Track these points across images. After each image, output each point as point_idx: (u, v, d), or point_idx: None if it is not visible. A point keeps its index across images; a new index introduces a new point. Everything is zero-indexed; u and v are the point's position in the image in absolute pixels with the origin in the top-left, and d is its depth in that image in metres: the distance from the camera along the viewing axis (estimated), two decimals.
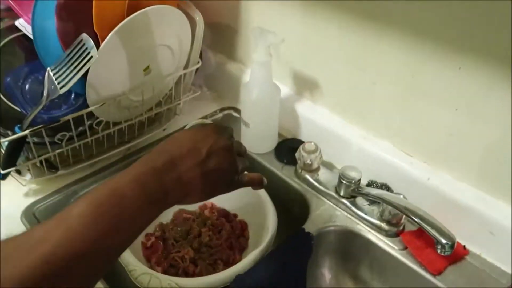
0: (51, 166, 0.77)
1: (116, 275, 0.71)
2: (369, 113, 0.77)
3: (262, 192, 0.80)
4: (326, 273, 0.76)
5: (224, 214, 0.86)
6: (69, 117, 0.69)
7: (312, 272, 0.74)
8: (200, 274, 0.75)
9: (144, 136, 0.88)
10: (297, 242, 0.69)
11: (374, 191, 0.69)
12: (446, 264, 0.66)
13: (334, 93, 0.82)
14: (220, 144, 0.52)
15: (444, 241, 0.55)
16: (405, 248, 0.68)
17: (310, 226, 0.72)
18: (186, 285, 0.64)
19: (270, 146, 0.88)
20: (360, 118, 0.79)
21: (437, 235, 0.56)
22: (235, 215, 0.87)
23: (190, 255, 0.77)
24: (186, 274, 0.76)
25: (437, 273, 0.65)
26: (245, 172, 0.59)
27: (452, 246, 0.55)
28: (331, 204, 0.76)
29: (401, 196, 0.67)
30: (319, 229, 0.72)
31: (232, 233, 0.82)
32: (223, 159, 0.51)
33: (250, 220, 0.84)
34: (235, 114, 1.00)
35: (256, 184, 0.59)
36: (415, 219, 0.59)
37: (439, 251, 0.56)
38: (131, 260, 0.67)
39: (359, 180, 0.72)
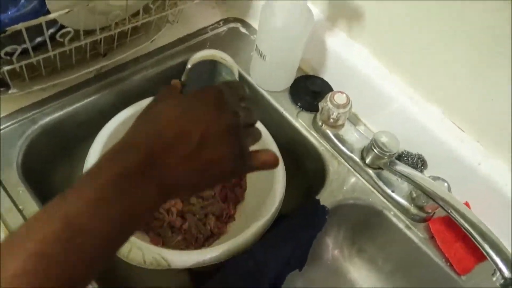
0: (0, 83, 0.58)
1: None
2: (421, 68, 0.61)
3: (269, 140, 0.66)
4: (331, 244, 0.68)
5: None
6: (21, 26, 0.49)
7: (316, 239, 0.65)
8: (188, 231, 0.64)
9: (125, 48, 0.68)
10: (309, 218, 0.58)
11: (411, 173, 0.56)
12: (476, 262, 0.58)
13: (380, 31, 0.63)
14: (221, 126, 0.34)
15: (506, 270, 0.44)
16: (431, 237, 0.59)
17: (326, 197, 0.61)
18: (174, 261, 0.53)
19: (285, 84, 0.71)
20: (408, 71, 0.62)
21: (493, 255, 0.45)
22: None
23: (178, 207, 0.65)
24: (172, 229, 0.65)
25: (463, 273, 0.57)
26: (254, 151, 0.39)
27: None
28: (353, 171, 0.64)
29: (445, 185, 0.55)
30: (336, 202, 0.61)
31: (229, 193, 0.70)
32: (224, 147, 0.35)
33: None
34: (242, 29, 0.79)
35: (268, 168, 0.41)
36: (471, 231, 0.48)
37: (495, 279, 0.47)
38: None
39: (395, 153, 0.59)
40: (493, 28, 0.50)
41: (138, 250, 0.53)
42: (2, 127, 0.58)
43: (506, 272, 0.44)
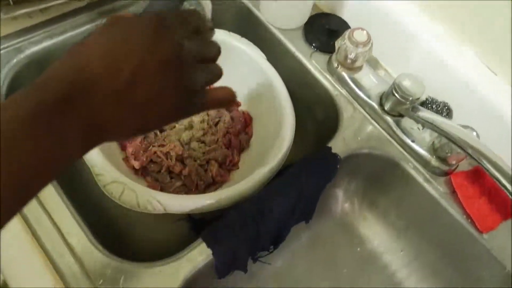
0: None
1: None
2: (454, 4, 0.53)
3: (278, 83, 0.60)
4: (341, 196, 0.63)
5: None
6: None
7: (324, 190, 0.60)
8: (188, 177, 0.60)
9: None
10: (318, 166, 0.53)
11: (437, 119, 0.50)
12: (499, 221, 0.53)
13: None
14: (159, 58, 0.29)
15: None
16: (452, 192, 0.54)
17: (338, 145, 0.55)
18: (170, 206, 0.48)
19: (299, 21, 0.64)
20: (439, 7, 0.55)
21: None
22: (238, 104, 0.68)
23: (177, 151, 0.60)
24: (171, 174, 0.60)
25: (486, 231, 0.52)
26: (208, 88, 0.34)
27: None
28: (370, 118, 0.58)
29: (474, 134, 0.49)
30: (350, 151, 0.55)
31: (231, 127, 0.64)
32: (163, 82, 0.29)
33: (256, 113, 0.66)
34: None
35: (223, 105, 0.37)
36: (504, 182, 0.42)
37: None
38: (98, 159, 0.50)
39: (418, 99, 0.53)
40: None
41: (131, 192, 0.48)
42: None
43: None
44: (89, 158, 0.50)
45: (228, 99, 0.35)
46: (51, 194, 0.47)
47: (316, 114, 0.64)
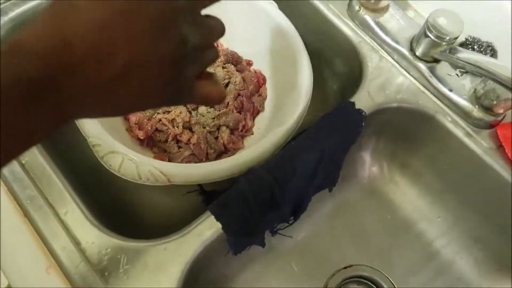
0: None
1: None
2: None
3: (292, 35, 0.53)
4: (368, 159, 0.56)
5: (234, 60, 0.60)
6: None
7: (349, 154, 0.53)
8: (197, 145, 0.54)
9: None
10: (341, 125, 0.46)
11: (482, 59, 0.42)
12: None
13: None
14: (160, 52, 0.24)
15: None
16: (499, 146, 0.46)
17: (362, 100, 0.48)
18: (175, 176, 0.43)
19: None
20: None
21: None
22: (250, 63, 0.61)
23: (184, 118, 0.55)
24: (178, 143, 0.55)
25: None
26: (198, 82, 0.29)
27: None
28: (399, 67, 0.50)
29: None
30: (376, 105, 0.48)
31: (243, 88, 0.58)
32: (156, 78, 0.25)
33: (270, 71, 0.59)
34: None
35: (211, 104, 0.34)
36: None
37: None
38: (95, 129, 0.45)
39: (456, 38, 0.45)
40: None
41: (131, 163, 0.43)
42: None
43: None
44: (85, 128, 0.45)
45: (217, 100, 0.31)
46: (42, 168, 0.42)
47: (337, 66, 0.57)
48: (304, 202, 0.49)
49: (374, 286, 0.52)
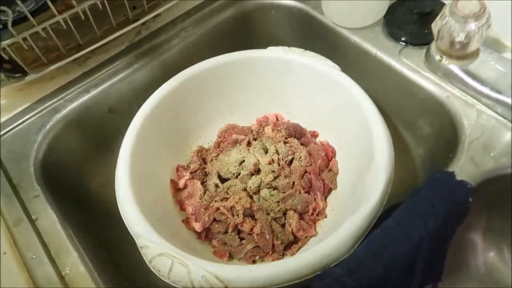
0: (13, 68, 0.47)
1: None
2: None
3: (362, 98, 0.45)
4: (479, 241, 0.43)
5: (297, 133, 0.53)
6: None
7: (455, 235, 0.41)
8: (261, 236, 0.46)
9: (159, 8, 0.53)
10: (443, 202, 0.35)
11: None
12: None
13: None
14: None
15: None
16: None
17: (463, 167, 0.37)
18: (231, 280, 0.35)
19: (376, 14, 0.49)
20: None
21: None
22: (315, 134, 0.54)
23: (244, 204, 0.47)
24: (239, 234, 0.47)
25: None
26: None
27: None
28: (506, 121, 0.39)
29: None
30: (483, 174, 0.37)
31: (310, 164, 0.50)
32: None
33: (340, 142, 0.51)
34: None
35: None
36: None
37: None
38: (143, 229, 0.39)
39: None
40: None
41: (182, 267, 0.36)
42: (20, 121, 0.47)
43: None
44: (134, 228, 0.39)
45: None
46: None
47: (421, 128, 0.47)
48: None
49: None
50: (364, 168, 0.43)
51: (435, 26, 0.41)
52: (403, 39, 0.47)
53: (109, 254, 0.45)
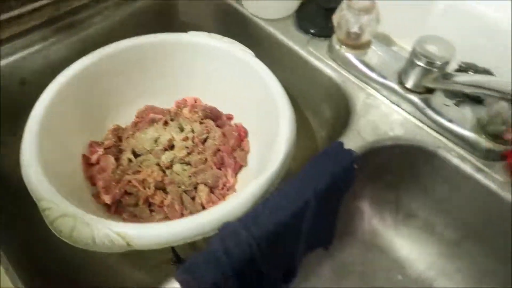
0: None
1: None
2: None
3: (273, 83, 0.49)
4: (366, 209, 0.49)
5: (213, 115, 0.56)
6: None
7: (344, 207, 0.46)
8: (171, 207, 0.48)
9: None
10: (331, 168, 0.40)
11: (483, 79, 0.37)
12: None
13: None
14: None
15: None
16: None
17: (351, 140, 0.42)
18: (133, 237, 0.36)
19: (289, 7, 0.54)
20: None
21: None
22: (230, 117, 0.57)
23: (156, 177, 0.49)
24: (150, 207, 0.49)
25: None
26: None
27: None
28: (389, 103, 0.46)
29: None
30: (368, 145, 0.42)
31: (223, 143, 0.53)
32: None
33: (252, 125, 0.54)
34: None
35: None
36: None
37: None
38: (46, 191, 0.39)
39: (448, 62, 0.40)
40: None
41: (85, 226, 0.37)
42: None
43: None
44: (34, 189, 0.39)
45: None
46: None
47: (324, 112, 0.52)
48: (294, 264, 0.41)
49: None
50: (270, 147, 0.46)
51: (335, 18, 0.47)
52: (311, 31, 0.52)
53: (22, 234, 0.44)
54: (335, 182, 0.40)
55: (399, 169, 0.45)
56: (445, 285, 0.44)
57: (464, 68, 0.43)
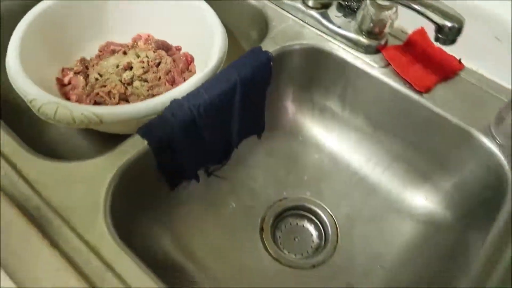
0: None
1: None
2: None
3: (210, 17, 0.62)
4: (290, 106, 0.63)
5: (165, 47, 0.68)
6: None
7: (273, 106, 0.60)
8: None
9: None
10: (251, 62, 0.54)
11: None
12: (436, 80, 0.53)
13: None
14: None
15: (449, 24, 0.39)
16: (387, 65, 0.54)
17: (268, 45, 0.56)
18: (105, 116, 0.48)
19: None
20: None
21: (439, 17, 0.41)
22: (178, 48, 0.69)
23: (120, 90, 0.61)
24: None
25: (424, 90, 0.52)
26: None
27: (458, 31, 0.40)
28: (296, 19, 0.59)
29: None
30: (280, 48, 0.56)
31: (174, 67, 0.65)
32: None
33: (197, 53, 0.67)
34: None
35: None
36: (413, 5, 0.43)
37: (440, 41, 0.42)
38: (31, 88, 0.50)
39: None
40: None
41: (65, 109, 0.49)
42: None
43: (448, 24, 0.39)
44: (21, 89, 0.50)
45: None
46: None
47: (252, 35, 0.65)
48: (231, 143, 0.55)
49: (310, 216, 0.56)
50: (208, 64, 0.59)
51: None
52: None
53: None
54: (256, 74, 0.54)
55: (308, 71, 0.59)
56: (350, 157, 0.59)
57: None
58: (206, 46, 0.62)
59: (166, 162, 0.49)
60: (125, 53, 0.67)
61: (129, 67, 0.64)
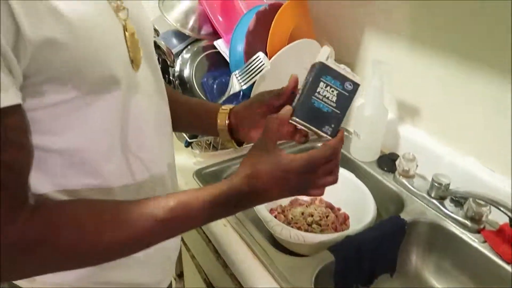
0: (214, 146, 1.06)
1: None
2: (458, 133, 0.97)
3: (365, 190, 1.01)
4: (413, 260, 0.94)
5: (330, 206, 1.08)
6: None
7: (402, 257, 0.92)
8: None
9: None
10: (392, 224, 0.89)
11: (462, 190, 0.87)
12: None
13: (433, 117, 1.03)
14: (291, 190, 0.61)
15: None
16: (485, 241, 0.84)
17: (403, 216, 0.91)
18: (309, 239, 0.86)
19: (374, 156, 1.09)
20: (451, 138, 0.99)
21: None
22: (339, 209, 1.08)
23: (305, 227, 0.99)
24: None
25: (510, 261, 0.80)
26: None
27: None
28: (423, 203, 0.95)
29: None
30: (412, 219, 0.91)
31: (336, 221, 1.03)
32: (287, 192, 0.61)
33: (351, 213, 1.05)
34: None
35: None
36: (501, 208, 0.76)
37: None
38: (266, 215, 0.91)
39: (449, 184, 0.90)
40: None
41: (287, 230, 0.87)
42: (212, 168, 1.03)
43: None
44: (261, 215, 0.91)
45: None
46: None
47: (388, 207, 1.01)
48: (372, 276, 0.87)
49: None
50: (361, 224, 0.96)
51: (397, 162, 1.00)
52: (385, 168, 1.06)
53: None
54: (396, 234, 0.88)
55: (427, 235, 0.91)
56: None
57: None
58: (359, 208, 1.00)
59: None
60: (307, 206, 1.08)
61: (311, 215, 1.03)
